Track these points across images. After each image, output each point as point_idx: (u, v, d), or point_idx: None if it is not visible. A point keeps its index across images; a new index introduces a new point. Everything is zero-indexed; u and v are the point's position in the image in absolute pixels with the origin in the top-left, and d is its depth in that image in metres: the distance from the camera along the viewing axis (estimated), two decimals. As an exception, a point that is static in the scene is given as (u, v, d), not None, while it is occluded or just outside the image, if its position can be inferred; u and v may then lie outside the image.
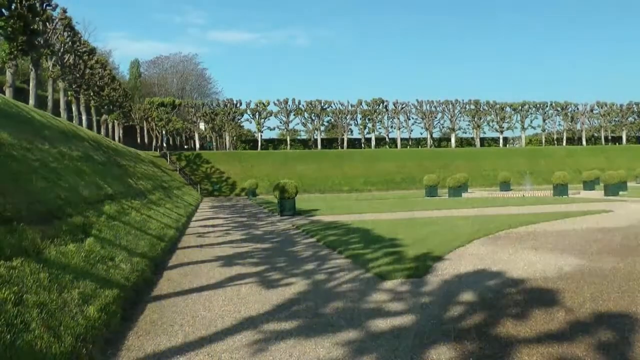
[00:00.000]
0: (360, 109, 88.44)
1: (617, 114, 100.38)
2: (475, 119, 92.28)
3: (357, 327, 6.91)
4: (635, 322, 6.89)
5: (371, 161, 74.32)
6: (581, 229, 17.25)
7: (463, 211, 25.83)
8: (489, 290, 8.76)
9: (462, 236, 15.44)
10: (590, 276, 9.80)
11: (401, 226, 18.74)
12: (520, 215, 22.38)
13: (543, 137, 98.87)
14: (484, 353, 5.84)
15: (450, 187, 42.65)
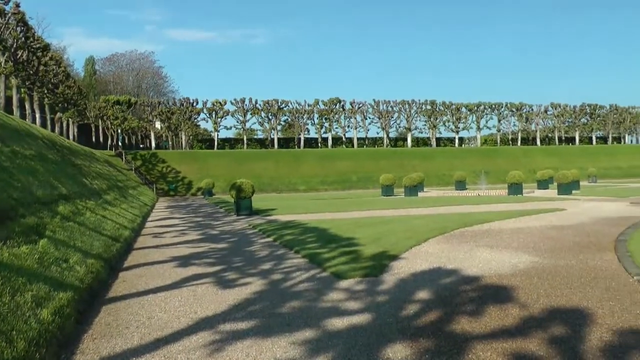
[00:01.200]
0: (317, 109, 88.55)
1: (571, 115, 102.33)
2: (431, 119, 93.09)
3: (313, 326, 6.94)
4: (587, 316, 7.07)
5: (328, 161, 74.55)
6: (535, 227, 17.54)
7: (419, 210, 26.02)
8: (445, 288, 8.87)
9: (418, 235, 15.58)
10: (544, 273, 10.01)
11: (358, 225, 18.82)
12: (475, 213, 22.65)
13: (498, 137, 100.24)
14: (439, 350, 5.91)
15: (406, 187, 42.92)
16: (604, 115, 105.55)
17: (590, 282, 9.18)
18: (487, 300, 8.03)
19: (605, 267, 10.60)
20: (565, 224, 18.22)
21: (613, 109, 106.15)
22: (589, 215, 21.13)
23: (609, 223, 18.20)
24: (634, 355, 5.68)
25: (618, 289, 8.62)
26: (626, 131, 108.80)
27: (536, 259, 11.52)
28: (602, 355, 5.69)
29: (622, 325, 6.71)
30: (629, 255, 11.91)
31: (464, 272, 10.20)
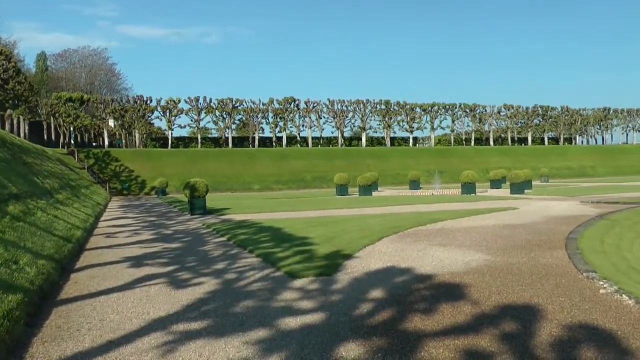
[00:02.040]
0: (272, 108, 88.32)
1: (523, 116, 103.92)
2: (386, 118, 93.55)
3: (267, 325, 6.92)
4: (537, 312, 7.20)
5: (282, 160, 74.53)
6: (488, 225, 17.75)
7: (373, 209, 26.13)
8: (398, 287, 8.92)
9: (371, 234, 15.65)
10: (496, 270, 10.16)
11: (312, 225, 18.83)
12: (429, 213, 22.81)
13: (452, 137, 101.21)
14: (392, 348, 5.95)
15: (361, 186, 43.06)
16: (556, 117, 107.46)
17: (541, 279, 9.34)
18: (440, 298, 8.10)
19: (556, 264, 10.80)
20: (517, 222, 18.47)
21: (564, 110, 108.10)
22: (541, 214, 21.46)
23: (560, 221, 18.50)
24: (582, 349, 5.80)
25: (568, 286, 8.79)
26: (577, 132, 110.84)
27: (489, 257, 11.67)
28: (551, 350, 5.80)
29: (572, 320, 6.86)
30: (579, 252, 12.15)
31: (417, 271, 10.27)
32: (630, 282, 9.48)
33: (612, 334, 6.34)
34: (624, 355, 5.67)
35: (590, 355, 5.64)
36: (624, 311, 7.30)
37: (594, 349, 5.82)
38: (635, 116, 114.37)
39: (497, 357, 5.61)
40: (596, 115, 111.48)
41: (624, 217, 20.34)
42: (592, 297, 8.06)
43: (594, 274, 9.78)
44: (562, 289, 8.57)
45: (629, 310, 7.36)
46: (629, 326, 6.63)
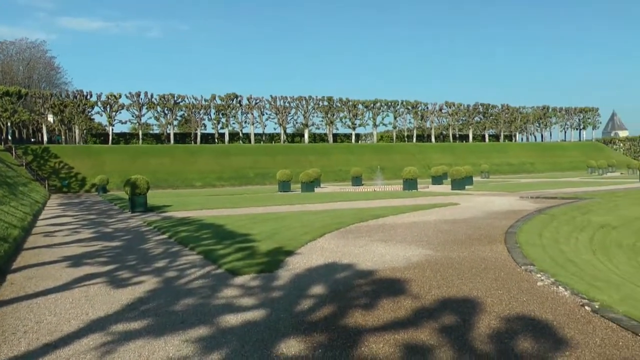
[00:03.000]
0: (214, 104, 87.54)
1: (464, 113, 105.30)
2: (329, 115, 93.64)
3: (207, 323, 6.87)
4: (477, 305, 7.31)
5: (225, 156, 74.07)
6: (429, 221, 17.93)
7: (315, 206, 26.16)
8: (339, 283, 8.95)
9: (313, 230, 15.68)
10: (437, 265, 10.27)
11: (254, 221, 18.76)
12: (370, 209, 22.93)
13: (394, 133, 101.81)
14: (332, 344, 5.96)
15: (303, 182, 43.03)
16: (496, 115, 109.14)
17: (480, 272, 9.49)
18: (380, 293, 8.15)
19: (495, 258, 10.98)
20: (458, 217, 18.71)
21: (505, 108, 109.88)
22: (481, 209, 21.79)
23: (500, 216, 18.82)
24: (519, 339, 5.92)
25: (506, 279, 8.94)
26: (517, 130, 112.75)
27: (429, 252, 11.78)
28: (489, 341, 5.89)
29: (509, 312, 6.98)
30: (518, 246, 12.39)
31: (358, 267, 10.32)
32: (567, 274, 9.72)
33: (548, 324, 6.49)
34: (560, 344, 5.81)
35: (527, 345, 5.76)
36: (560, 302, 7.48)
37: (530, 339, 5.95)
38: (572, 114, 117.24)
39: (437, 350, 5.67)
40: (535, 113, 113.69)
41: (562, 211, 20.82)
42: (530, 289, 8.22)
43: (532, 267, 9.98)
44: (500, 282, 8.72)
45: (564, 301, 7.54)
46: (564, 316, 6.79)
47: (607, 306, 7.28)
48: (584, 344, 5.81)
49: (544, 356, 5.48)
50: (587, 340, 5.94)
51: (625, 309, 7.18)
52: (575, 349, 5.68)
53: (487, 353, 5.58)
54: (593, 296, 7.82)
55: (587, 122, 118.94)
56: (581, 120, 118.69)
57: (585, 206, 23.37)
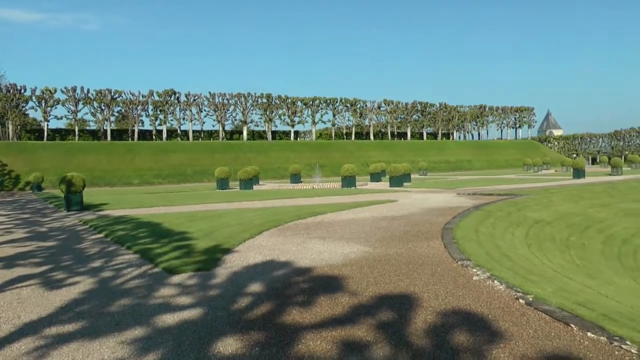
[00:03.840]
0: (152, 100, 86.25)
1: (403, 111, 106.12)
2: (267, 112, 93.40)
3: (143, 323, 6.76)
4: (413, 301, 7.37)
5: (163, 153, 73.12)
6: (367, 218, 18.02)
7: (254, 203, 26.05)
8: (277, 280, 8.92)
9: (251, 228, 15.62)
10: (374, 262, 10.31)
11: (192, 219, 18.59)
12: (309, 206, 22.95)
13: (333, 131, 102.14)
14: (269, 342, 5.93)
15: (242, 180, 42.83)
16: (434, 113, 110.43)
17: (417, 268, 9.57)
18: (318, 290, 8.15)
19: (432, 254, 11.10)
20: (396, 214, 18.85)
21: (443, 107, 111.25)
22: (419, 206, 21.99)
23: (437, 213, 19.02)
24: (455, 333, 6.00)
25: (443, 274, 9.05)
26: (454, 128, 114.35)
27: (367, 249, 11.84)
28: (426, 336, 5.95)
29: (446, 307, 7.06)
30: (455, 242, 12.55)
31: (296, 264, 10.31)
32: (502, 269, 9.89)
33: (483, 317, 6.58)
34: (494, 336, 5.90)
35: (463, 339, 5.83)
36: (495, 296, 7.60)
37: (466, 332, 6.03)
38: (509, 113, 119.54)
39: (374, 346, 5.69)
40: (472, 112, 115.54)
41: (498, 208, 21.17)
42: (466, 284, 8.34)
43: (468, 262, 10.12)
44: (437, 277, 8.81)
45: (499, 294, 7.66)
46: (499, 310, 6.91)
47: (540, 299, 7.43)
48: (518, 336, 5.92)
49: (479, 349, 5.55)
50: (521, 332, 6.06)
51: (558, 301, 7.35)
52: (509, 340, 5.78)
53: (423, 348, 5.62)
54: (527, 289, 7.97)
55: (522, 121, 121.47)
56: (517, 119, 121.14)
57: (520, 202, 23.83)
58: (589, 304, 7.80)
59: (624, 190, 34.10)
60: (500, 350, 5.50)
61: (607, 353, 5.40)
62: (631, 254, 19.47)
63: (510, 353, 5.45)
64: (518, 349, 5.54)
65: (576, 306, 7.26)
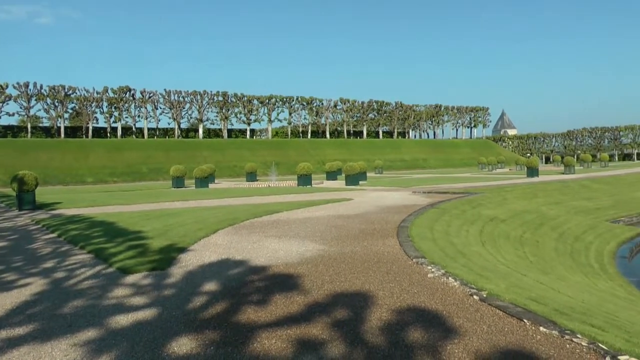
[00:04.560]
0: (107, 97, 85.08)
1: (359, 110, 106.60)
2: (223, 110, 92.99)
3: (97, 325, 6.65)
4: (368, 299, 7.39)
5: (117, 151, 72.33)
6: (323, 216, 18.03)
7: (209, 202, 25.89)
8: (232, 279, 8.87)
9: (207, 227, 15.52)
10: (330, 260, 10.32)
11: (146, 218, 18.40)
12: (265, 204, 22.89)
13: (289, 129, 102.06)
14: (225, 341, 5.90)
15: (197, 178, 42.65)
16: (390, 112, 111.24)
17: (372, 266, 9.60)
18: (273, 289, 8.12)
19: (387, 251, 11.15)
20: (351, 213, 18.89)
21: (398, 106, 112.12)
22: (375, 204, 22.09)
23: (393, 211, 19.13)
24: (410, 330, 6.03)
25: (398, 272, 9.09)
26: (410, 127, 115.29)
27: (323, 247, 11.85)
28: (381, 333, 5.97)
29: (401, 304, 7.09)
30: (410, 240, 12.63)
31: (252, 263, 10.26)
32: (457, 266, 9.98)
33: (438, 314, 6.63)
34: (449, 332, 5.95)
35: (418, 335, 5.87)
36: (450, 292, 7.67)
37: (421, 329, 6.07)
38: (464, 113, 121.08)
39: (329, 344, 5.70)
40: (428, 111, 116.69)
41: (453, 205, 21.38)
42: (421, 281, 8.39)
43: (423, 259, 10.19)
44: (392, 275, 8.85)
45: (454, 291, 7.73)
46: (453, 306, 6.97)
47: (494, 295, 7.52)
48: (472, 331, 5.98)
49: (434, 345, 5.59)
50: (475, 327, 6.12)
51: (512, 297, 7.44)
52: (463, 336, 5.84)
53: (378, 345, 5.64)
54: (481, 286, 8.06)
55: (478, 120, 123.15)
56: (472, 118, 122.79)
57: (475, 200, 24.10)
58: (542, 299, 7.92)
59: (576, 189, 34.72)
60: (454, 346, 5.55)
61: (558, 346, 5.49)
62: (583, 251, 19.84)
63: (464, 349, 5.50)
64: (472, 345, 5.59)
65: (529, 302, 7.37)
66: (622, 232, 23.96)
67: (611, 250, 20.62)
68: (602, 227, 24.67)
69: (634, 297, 13.37)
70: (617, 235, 23.03)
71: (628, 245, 21.65)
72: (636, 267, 18.72)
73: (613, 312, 8.72)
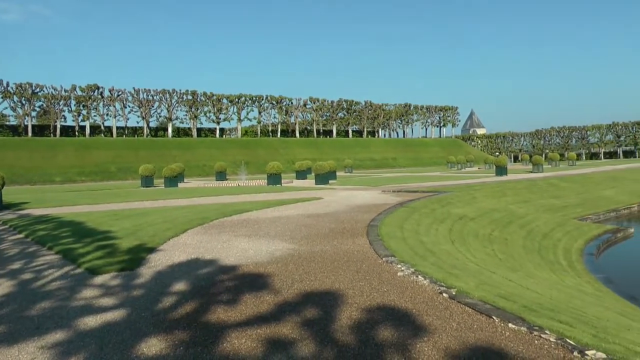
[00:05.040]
0: (75, 95, 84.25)
1: (329, 109, 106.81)
2: (193, 109, 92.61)
3: (65, 327, 6.58)
4: (338, 298, 7.40)
5: (86, 150, 71.68)
6: (293, 215, 18.02)
7: (178, 201, 25.75)
8: (202, 279, 8.84)
9: (176, 226, 15.43)
10: (300, 259, 10.32)
11: (115, 218, 18.24)
12: (235, 204, 22.82)
13: (259, 128, 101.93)
14: (194, 341, 5.87)
15: (167, 177, 42.43)
16: (360, 111, 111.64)
17: (342, 265, 9.61)
18: (243, 288, 8.11)
19: (357, 250, 11.17)
20: (321, 212, 18.90)
21: (368, 105, 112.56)
22: (344, 203, 22.12)
23: (362, 210, 19.17)
24: (379, 329, 6.05)
25: (368, 271, 9.11)
26: (379, 126, 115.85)
27: (293, 246, 11.84)
28: (351, 332, 5.98)
29: (370, 303, 7.11)
30: (380, 238, 12.66)
31: (221, 262, 10.23)
32: (426, 264, 10.04)
33: (407, 312, 6.67)
34: (419, 330, 5.98)
35: (388, 334, 5.89)
36: (419, 291, 7.70)
37: (391, 327, 6.09)
38: (433, 112, 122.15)
39: (299, 344, 5.70)
40: (398, 110, 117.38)
41: (422, 204, 21.48)
42: (391, 280, 8.42)
43: (393, 258, 10.22)
44: (362, 274, 8.87)
45: (424, 289, 7.77)
46: (423, 304, 7.01)
47: (463, 292, 7.58)
48: (442, 329, 6.02)
49: (403, 343, 5.62)
50: (444, 325, 6.16)
51: (481, 294, 7.51)
52: (433, 334, 5.87)
53: (348, 344, 5.65)
54: (451, 283, 8.11)
55: (447, 120, 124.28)
56: (441, 118, 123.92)
57: (444, 199, 24.24)
58: (511, 296, 8.00)
59: (544, 187, 35.05)
60: (424, 344, 5.58)
61: (527, 342, 5.55)
62: (551, 248, 20.04)
63: (434, 346, 5.53)
64: (441, 342, 5.63)
65: (498, 299, 7.43)
66: (590, 229, 24.24)
67: (579, 247, 20.85)
68: (569, 224, 24.94)
69: (600, 293, 13.55)
70: (585, 233, 23.30)
71: (595, 242, 21.90)
72: (603, 264, 18.95)
73: (580, 308, 8.82)
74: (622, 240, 23.40)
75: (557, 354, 5.25)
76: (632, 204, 33.60)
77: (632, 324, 8.71)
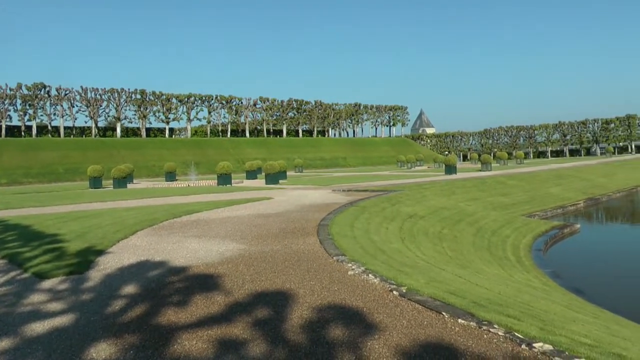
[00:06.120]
0: (20, 94, 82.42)
1: (279, 108, 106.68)
2: (142, 109, 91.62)
3: (11, 334, 6.44)
4: (289, 297, 7.42)
5: (32, 151, 70.26)
6: (243, 215, 17.99)
7: (128, 202, 25.46)
8: (152, 281, 8.77)
9: (125, 228, 15.28)
10: (250, 259, 10.31)
11: (63, 220, 17.95)
12: (184, 204, 22.69)
13: (208, 128, 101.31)
14: (144, 344, 5.83)
15: (115, 178, 41.98)
16: (310, 111, 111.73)
17: (293, 265, 9.63)
18: (193, 289, 8.07)
19: (308, 250, 11.21)
20: (272, 211, 18.90)
21: (318, 105, 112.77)
22: (295, 203, 22.15)
23: (313, 209, 19.23)
24: (330, 327, 6.09)
25: (319, 270, 9.15)
26: (330, 125, 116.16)
27: (243, 247, 11.83)
28: (302, 331, 6.01)
29: (322, 302, 7.15)
30: (330, 238, 12.71)
31: (172, 264, 10.17)
32: (377, 262, 10.11)
33: (358, 310, 6.72)
34: (369, 328, 6.04)
35: (339, 332, 5.93)
36: (370, 289, 7.76)
37: (342, 326, 6.13)
38: (383, 112, 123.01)
39: (250, 344, 5.70)
40: (348, 110, 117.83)
41: (372, 203, 21.62)
42: (341, 278, 8.46)
43: (344, 257, 10.27)
44: (313, 273, 8.90)
45: (374, 288, 7.84)
46: (374, 302, 7.07)
47: (413, 290, 7.66)
48: (392, 326, 6.08)
49: (354, 341, 5.65)
50: (395, 322, 6.23)
51: (431, 291, 7.60)
52: (383, 331, 5.93)
53: (300, 343, 5.67)
54: (401, 281, 8.19)
55: (396, 119, 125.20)
56: (391, 117, 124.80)
57: (394, 198, 24.43)
58: (460, 292, 8.11)
59: (493, 185, 35.59)
60: (375, 342, 5.63)
61: (476, 337, 5.65)
62: (500, 244, 20.35)
63: (384, 343, 5.58)
64: (392, 339, 5.68)
65: (448, 295, 7.53)
66: (537, 226, 24.71)
67: (527, 243, 21.23)
68: (518, 221, 25.37)
69: (548, 288, 13.82)
70: (533, 229, 23.74)
71: (543, 238, 22.35)
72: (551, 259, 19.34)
73: (528, 302, 8.98)
74: (569, 235, 23.93)
75: (505, 347, 5.35)
76: (578, 201, 34.42)
77: (577, 316, 8.91)
